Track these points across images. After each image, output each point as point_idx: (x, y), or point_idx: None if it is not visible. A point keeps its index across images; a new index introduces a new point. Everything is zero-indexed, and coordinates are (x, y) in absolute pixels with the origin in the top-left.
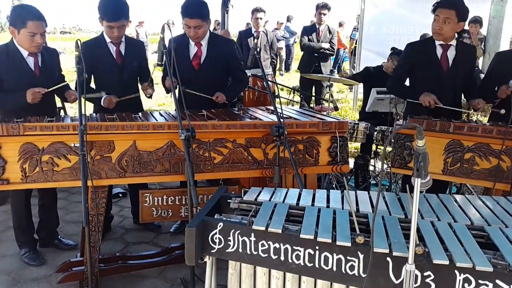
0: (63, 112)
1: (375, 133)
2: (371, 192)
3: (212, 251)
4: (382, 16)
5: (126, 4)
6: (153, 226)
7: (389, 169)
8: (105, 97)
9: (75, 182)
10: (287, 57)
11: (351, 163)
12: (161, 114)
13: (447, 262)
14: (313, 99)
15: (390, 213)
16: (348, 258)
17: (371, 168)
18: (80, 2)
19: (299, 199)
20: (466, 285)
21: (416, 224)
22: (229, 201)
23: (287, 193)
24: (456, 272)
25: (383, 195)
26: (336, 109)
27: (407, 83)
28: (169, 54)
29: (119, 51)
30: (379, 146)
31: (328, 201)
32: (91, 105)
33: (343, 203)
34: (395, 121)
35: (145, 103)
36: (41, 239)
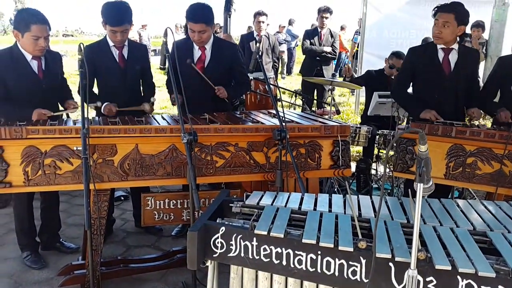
0: (65, 115)
1: (377, 136)
2: (373, 196)
3: (214, 256)
4: (384, 20)
5: (129, 8)
6: (154, 229)
7: (391, 173)
8: (106, 104)
9: (77, 185)
10: (289, 60)
11: (353, 166)
12: (163, 117)
13: (449, 267)
14: (315, 102)
15: (392, 218)
16: (350, 263)
17: (373, 172)
18: (82, 5)
19: (301, 204)
20: None
21: (418, 229)
22: (231, 205)
23: (289, 197)
24: (458, 277)
25: (385, 199)
26: (338, 112)
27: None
28: (172, 58)
29: (122, 55)
30: (381, 150)
31: (330, 206)
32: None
33: (345, 207)
34: (397, 124)
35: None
36: (43, 242)
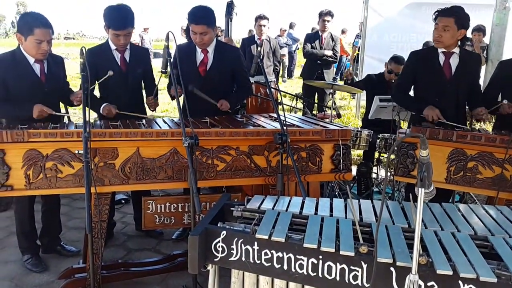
0: (66, 118)
1: (378, 140)
2: (374, 201)
3: (215, 260)
4: (384, 23)
5: (131, 12)
6: (155, 233)
7: (392, 177)
8: (105, 105)
9: (79, 188)
10: (290, 63)
11: (353, 170)
12: (164, 121)
13: (450, 272)
14: (316, 106)
15: (393, 223)
16: (351, 267)
17: (374, 175)
18: (84, 8)
19: (302, 208)
20: None
21: (419, 234)
22: (232, 209)
23: (290, 201)
24: (459, 282)
25: (387, 204)
26: (338, 116)
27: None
28: (174, 62)
29: (123, 58)
30: (381, 153)
31: (331, 210)
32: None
33: (346, 211)
34: (398, 128)
35: (148, 111)
36: (43, 245)
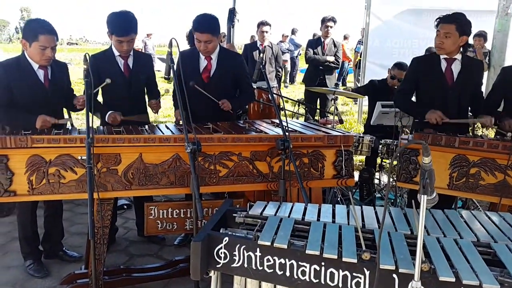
0: (69, 124)
1: (380, 146)
2: (376, 207)
3: (217, 266)
4: (386, 29)
5: (135, 18)
6: (157, 238)
7: (394, 183)
8: (110, 113)
9: (81, 194)
10: (292, 69)
11: (356, 176)
12: (167, 127)
13: (453, 279)
14: (318, 111)
15: (396, 229)
16: (354, 274)
17: (376, 181)
18: (87, 14)
19: (304, 214)
20: None
21: (422, 240)
22: (234, 215)
23: (292, 207)
24: None
25: (389, 210)
26: (341, 122)
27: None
28: (177, 68)
29: (127, 65)
30: (384, 159)
31: (333, 216)
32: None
33: (348, 218)
34: (400, 134)
35: (151, 113)
36: (46, 250)
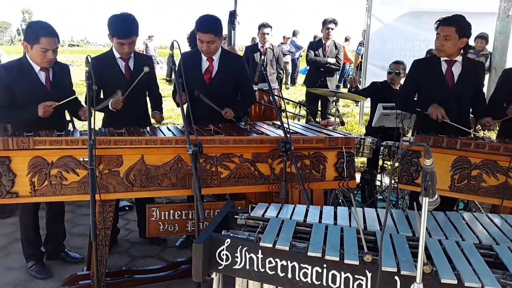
0: (71, 125)
1: (382, 148)
2: (378, 209)
3: (219, 268)
4: (387, 31)
5: (135, 21)
6: (159, 240)
7: (396, 184)
8: (111, 100)
9: (83, 196)
10: (293, 71)
11: (357, 178)
12: (168, 128)
13: (455, 281)
14: (319, 113)
15: (397, 231)
16: (356, 276)
17: (378, 183)
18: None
19: (306, 216)
20: None
21: (424, 242)
22: (236, 217)
23: (294, 209)
24: None
25: (391, 212)
26: (342, 123)
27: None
28: (178, 70)
29: (128, 67)
30: (385, 161)
31: (335, 218)
32: (101, 118)
33: (350, 220)
34: (401, 136)
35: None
36: (47, 251)
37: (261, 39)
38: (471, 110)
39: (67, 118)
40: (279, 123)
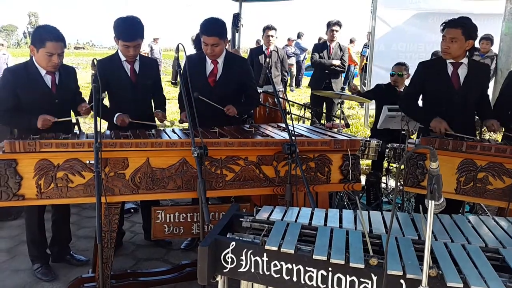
0: (77, 128)
1: (387, 150)
2: (384, 212)
3: (224, 271)
4: (392, 33)
5: (141, 24)
6: (164, 242)
7: (401, 187)
8: (118, 115)
9: (89, 198)
10: (298, 73)
11: (362, 180)
12: (174, 131)
13: (461, 285)
14: (324, 115)
15: (403, 234)
16: (361, 280)
17: (383, 185)
18: (94, 18)
19: (311, 219)
20: None
21: (429, 246)
22: (241, 219)
23: (299, 212)
24: None
25: (396, 215)
26: (347, 126)
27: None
28: (183, 73)
29: (133, 69)
30: (391, 163)
31: (340, 221)
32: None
33: (355, 223)
34: (407, 138)
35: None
36: (53, 254)
37: (265, 41)
38: (476, 112)
39: (73, 120)
40: (284, 125)
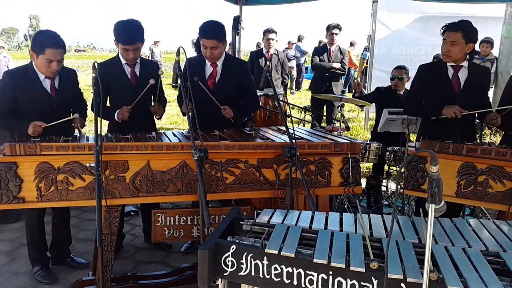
0: (77, 131)
1: (387, 153)
2: (384, 215)
3: (224, 274)
4: (393, 36)
5: (141, 27)
6: (164, 245)
7: (402, 190)
8: (118, 111)
9: (89, 201)
10: (298, 76)
11: (363, 183)
12: (174, 134)
13: None
14: (324, 118)
15: (404, 238)
16: (362, 283)
17: (383, 188)
18: (95, 21)
19: (311, 222)
20: None
21: (430, 249)
22: (241, 223)
23: (299, 215)
24: None
25: (397, 218)
26: (347, 129)
27: None
28: (184, 75)
29: (134, 72)
30: (391, 166)
31: (341, 224)
32: (107, 123)
33: (356, 226)
34: (407, 141)
35: (158, 120)
36: (53, 257)
37: (266, 44)
38: (476, 115)
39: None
40: (284, 128)
